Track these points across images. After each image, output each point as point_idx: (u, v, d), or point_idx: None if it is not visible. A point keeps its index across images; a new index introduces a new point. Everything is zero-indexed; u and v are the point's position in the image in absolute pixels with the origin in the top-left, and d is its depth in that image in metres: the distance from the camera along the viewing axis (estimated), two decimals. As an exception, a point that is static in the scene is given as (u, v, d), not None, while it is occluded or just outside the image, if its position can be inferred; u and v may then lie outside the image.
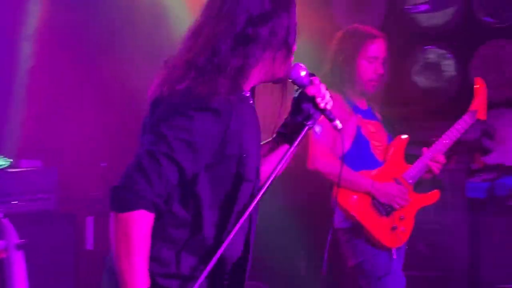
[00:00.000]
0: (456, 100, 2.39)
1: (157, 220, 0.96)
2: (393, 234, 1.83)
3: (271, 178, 0.97)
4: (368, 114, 1.88)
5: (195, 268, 1.00)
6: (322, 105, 1.02)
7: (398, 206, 1.80)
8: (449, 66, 2.50)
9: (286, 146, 1.08)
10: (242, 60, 0.98)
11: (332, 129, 1.11)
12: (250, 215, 1.00)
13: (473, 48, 2.40)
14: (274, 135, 1.11)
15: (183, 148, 0.94)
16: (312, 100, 1.04)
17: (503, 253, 2.21)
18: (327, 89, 1.04)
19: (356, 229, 1.81)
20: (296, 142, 1.00)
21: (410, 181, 1.82)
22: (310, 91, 1.04)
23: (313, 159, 1.83)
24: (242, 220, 0.95)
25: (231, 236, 0.93)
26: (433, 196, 1.87)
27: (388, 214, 1.82)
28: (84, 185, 2.03)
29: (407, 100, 2.48)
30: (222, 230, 1.01)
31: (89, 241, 2.37)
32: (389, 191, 1.82)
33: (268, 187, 0.97)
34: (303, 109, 1.04)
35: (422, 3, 2.48)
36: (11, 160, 2.18)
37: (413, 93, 2.57)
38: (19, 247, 2.00)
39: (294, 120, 1.06)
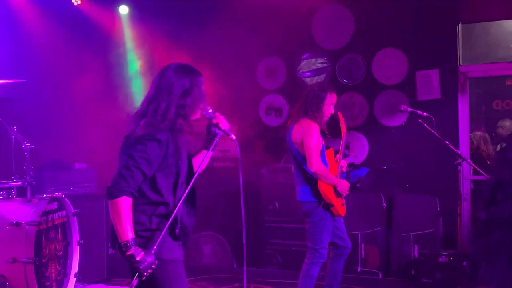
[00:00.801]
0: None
1: (134, 200, 1.55)
2: (342, 208, 2.70)
3: (200, 169, 1.70)
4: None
5: (160, 223, 1.59)
6: (222, 127, 1.70)
7: (344, 194, 2.70)
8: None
9: (204, 151, 1.77)
10: (174, 115, 1.61)
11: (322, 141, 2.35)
12: (193, 190, 1.65)
13: (338, 96, 3.99)
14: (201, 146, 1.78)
15: (144, 162, 1.54)
16: (216, 125, 1.70)
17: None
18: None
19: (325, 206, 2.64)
20: (211, 147, 1.71)
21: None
22: (214, 120, 1.71)
23: (312, 164, 2.54)
24: (184, 195, 1.59)
25: (179, 204, 1.58)
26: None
27: (340, 196, 2.70)
28: (112, 176, 3.48)
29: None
30: (173, 201, 1.61)
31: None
32: (343, 185, 2.68)
33: (198, 174, 1.68)
34: (212, 130, 1.72)
35: (306, 71, 4.22)
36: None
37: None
38: (74, 214, 2.94)
39: (208, 136, 1.74)
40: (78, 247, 2.95)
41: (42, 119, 3.87)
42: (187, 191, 1.61)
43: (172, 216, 1.56)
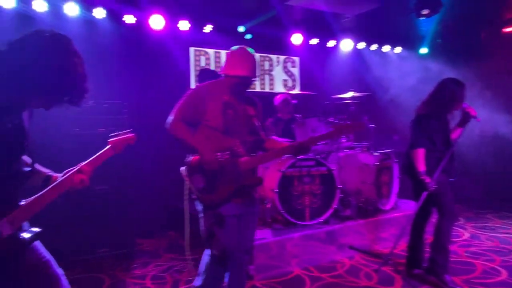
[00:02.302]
0: None
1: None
2: None
3: (456, 140, 3.91)
4: None
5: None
6: (472, 114, 4.06)
7: None
8: None
9: (460, 128, 3.53)
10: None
11: None
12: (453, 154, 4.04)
13: None
14: None
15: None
16: (468, 113, 3.92)
17: None
18: None
19: None
20: (464, 126, 3.91)
21: None
22: (467, 110, 4.17)
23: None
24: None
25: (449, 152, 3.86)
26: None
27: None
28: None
29: None
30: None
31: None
32: None
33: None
34: (466, 116, 3.50)
35: None
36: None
37: None
38: (396, 162, 5.47)
39: (463, 119, 3.76)
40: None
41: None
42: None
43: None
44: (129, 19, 5.22)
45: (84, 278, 3.78)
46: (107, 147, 1.89)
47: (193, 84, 5.95)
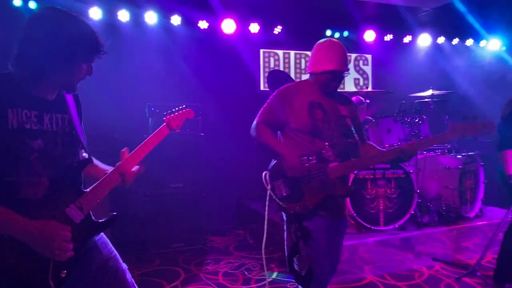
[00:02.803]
0: None
1: None
2: None
3: None
4: None
5: None
6: None
7: None
8: None
9: None
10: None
11: None
12: None
13: None
14: None
15: None
16: None
17: None
18: None
19: None
20: None
21: None
22: None
23: None
24: None
25: None
26: None
27: None
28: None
29: None
30: None
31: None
32: None
33: None
34: None
35: None
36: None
37: None
38: (481, 165, 5.01)
39: None
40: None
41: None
42: None
43: None
44: (203, 24, 5.41)
45: (163, 271, 3.99)
46: (162, 125, 1.86)
47: (262, 86, 6.00)
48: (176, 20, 5.27)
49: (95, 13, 4.79)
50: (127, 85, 4.90)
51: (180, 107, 1.97)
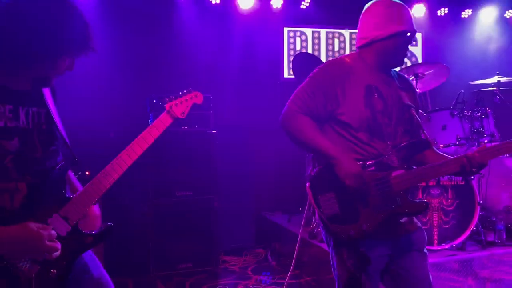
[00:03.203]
0: None
1: None
2: None
3: None
4: None
5: None
6: None
7: None
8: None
9: None
10: None
11: None
12: None
13: None
14: None
15: None
16: None
17: None
18: None
19: None
20: None
21: None
22: None
23: None
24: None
25: None
26: None
27: None
28: None
29: None
30: None
31: None
32: None
33: None
34: None
35: None
36: None
37: None
38: None
39: None
40: None
41: None
42: None
43: None
44: (214, -2, 5.39)
45: (165, 298, 4.00)
46: (163, 112, 1.84)
47: (287, 73, 5.96)
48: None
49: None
50: (122, 74, 4.89)
51: (185, 91, 1.92)
